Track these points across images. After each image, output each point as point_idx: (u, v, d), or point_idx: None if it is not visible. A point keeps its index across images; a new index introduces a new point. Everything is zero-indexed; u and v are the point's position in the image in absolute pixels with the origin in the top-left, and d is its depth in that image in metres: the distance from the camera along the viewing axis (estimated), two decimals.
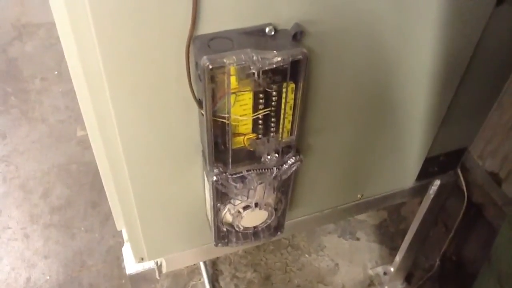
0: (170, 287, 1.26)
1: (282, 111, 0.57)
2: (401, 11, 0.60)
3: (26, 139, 1.69)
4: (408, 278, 1.31)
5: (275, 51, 0.51)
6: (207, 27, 0.51)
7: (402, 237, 1.21)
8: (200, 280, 1.30)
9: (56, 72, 1.96)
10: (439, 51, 0.67)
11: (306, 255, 1.36)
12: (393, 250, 1.34)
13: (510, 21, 0.69)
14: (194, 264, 1.32)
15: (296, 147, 0.63)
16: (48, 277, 1.30)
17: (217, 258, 1.34)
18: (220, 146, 0.59)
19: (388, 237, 1.41)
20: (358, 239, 1.41)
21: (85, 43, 0.49)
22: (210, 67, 0.49)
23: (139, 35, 0.49)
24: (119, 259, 1.35)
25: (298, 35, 0.53)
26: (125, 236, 0.83)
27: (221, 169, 0.60)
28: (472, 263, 1.31)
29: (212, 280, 1.29)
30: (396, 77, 0.68)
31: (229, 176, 0.61)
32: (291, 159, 0.63)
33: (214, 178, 0.60)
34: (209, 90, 0.51)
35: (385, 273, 1.32)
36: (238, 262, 1.34)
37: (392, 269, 1.29)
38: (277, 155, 0.61)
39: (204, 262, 1.31)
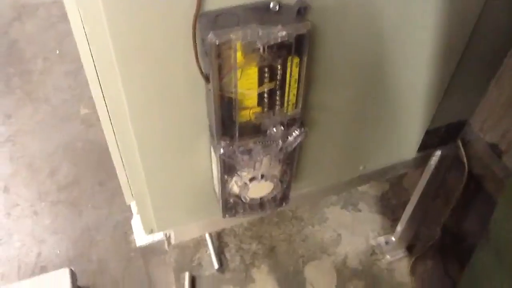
0: (178, 259, 1.30)
1: (287, 85, 0.58)
2: None
3: (31, 119, 1.71)
4: (409, 248, 1.34)
5: (280, 26, 0.52)
6: (213, 4, 0.52)
7: (404, 208, 1.24)
8: (206, 252, 1.33)
9: (58, 52, 1.97)
10: (440, 27, 0.68)
11: (310, 227, 1.40)
12: (395, 221, 1.37)
13: (504, 6, 0.70)
14: (200, 237, 1.36)
15: (301, 120, 0.64)
16: (58, 252, 1.34)
17: (223, 230, 1.37)
18: (226, 120, 0.61)
19: (390, 208, 1.44)
20: (360, 210, 1.44)
21: (94, 21, 0.51)
22: (217, 42, 0.50)
23: (147, 13, 0.50)
24: (126, 234, 1.39)
25: (302, 10, 0.55)
26: (134, 209, 0.85)
27: (228, 142, 0.62)
28: (472, 235, 1.35)
29: (218, 252, 1.33)
30: (398, 52, 0.69)
31: (236, 149, 0.63)
32: (296, 132, 0.64)
33: (222, 151, 0.62)
34: (215, 65, 0.53)
35: (386, 243, 1.35)
36: (243, 234, 1.37)
37: (393, 239, 1.32)
38: (282, 128, 0.63)
39: (210, 235, 1.35)
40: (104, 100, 0.61)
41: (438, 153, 0.97)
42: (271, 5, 0.54)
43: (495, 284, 0.75)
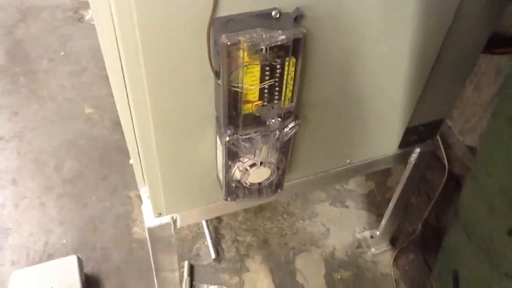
0: (178, 249, 1.38)
1: (285, 82, 0.68)
2: (382, 3, 0.71)
3: (37, 116, 1.79)
4: (392, 241, 1.44)
5: (280, 31, 0.62)
6: (224, 11, 0.62)
7: (388, 205, 1.34)
8: (204, 243, 1.42)
9: (62, 53, 2.06)
10: (416, 34, 0.79)
11: (300, 221, 1.49)
12: (379, 216, 1.47)
13: (474, 12, 0.80)
14: (198, 229, 1.45)
15: (295, 114, 0.74)
16: (64, 241, 1.42)
17: (220, 223, 1.46)
18: (232, 112, 0.70)
19: (375, 205, 1.54)
20: (347, 206, 1.54)
21: (125, 21, 0.60)
22: (228, 43, 0.60)
23: (171, 17, 0.60)
24: (128, 225, 1.47)
25: (298, 18, 0.65)
26: (143, 195, 0.94)
27: (233, 131, 0.72)
28: None
29: (215, 243, 1.42)
30: (378, 56, 0.79)
31: (239, 137, 0.73)
32: (291, 123, 0.74)
33: (227, 138, 0.72)
34: (226, 63, 0.63)
35: (371, 237, 1.45)
36: (238, 228, 1.46)
37: (378, 233, 1.42)
38: (279, 119, 0.73)
39: (208, 227, 1.44)
40: (126, 92, 0.70)
41: (417, 150, 1.07)
42: (273, 13, 0.64)
43: (465, 256, 0.85)
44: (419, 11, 0.75)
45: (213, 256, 1.39)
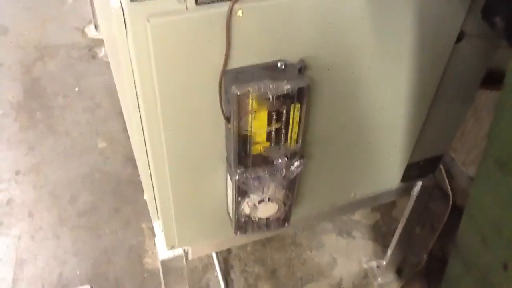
0: (188, 280, 1.42)
1: (290, 126, 0.74)
2: (380, 48, 0.77)
3: (52, 150, 1.86)
4: (398, 272, 1.47)
5: (285, 81, 0.68)
6: (235, 64, 0.68)
7: (393, 235, 1.37)
8: (214, 274, 1.46)
9: (77, 90, 2.14)
10: (413, 76, 0.85)
11: (308, 252, 1.53)
12: (385, 247, 1.50)
13: (469, 52, 0.86)
14: (208, 260, 1.48)
15: (301, 154, 0.80)
16: (78, 273, 1.47)
17: (229, 254, 1.50)
18: (242, 153, 0.76)
19: (381, 235, 1.58)
20: (354, 237, 1.57)
21: (144, 73, 0.66)
22: (238, 93, 0.66)
23: (188, 69, 0.67)
24: (140, 256, 1.52)
25: (302, 69, 0.71)
26: (157, 228, 0.99)
27: (242, 170, 0.78)
28: None
29: (224, 274, 1.45)
30: (378, 98, 0.85)
31: (248, 176, 0.78)
32: (297, 163, 0.80)
33: (237, 177, 0.78)
34: (236, 110, 0.69)
35: (378, 267, 1.48)
36: (247, 258, 1.50)
37: (384, 263, 1.45)
38: (286, 159, 0.78)
39: (217, 258, 1.48)
40: (144, 134, 0.76)
41: (419, 184, 1.12)
42: (279, 64, 0.70)
43: None
44: (416, 52, 0.81)
45: (222, 286, 1.42)
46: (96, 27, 2.42)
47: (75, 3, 2.63)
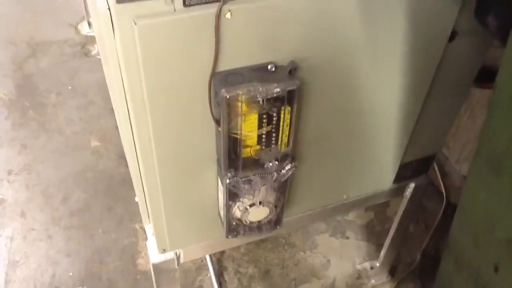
0: (181, 281, 1.41)
1: (281, 128, 0.73)
2: (371, 47, 0.76)
3: (45, 149, 1.84)
4: (392, 272, 1.46)
5: (275, 84, 0.67)
6: (224, 66, 0.67)
7: (387, 235, 1.37)
8: (207, 275, 1.45)
9: (70, 87, 2.12)
10: (405, 75, 0.84)
11: (301, 252, 1.52)
12: (379, 247, 1.49)
13: (461, 51, 0.86)
14: (201, 261, 1.48)
15: (292, 156, 0.79)
16: (71, 273, 1.46)
17: (222, 255, 1.50)
18: (232, 155, 0.75)
19: (375, 235, 1.57)
20: (347, 237, 1.57)
21: (132, 73, 0.65)
22: (227, 96, 0.65)
23: (177, 71, 0.65)
24: (133, 257, 1.51)
25: (292, 71, 0.70)
26: (148, 232, 0.98)
27: (233, 173, 0.77)
28: None
29: (217, 275, 1.45)
30: (370, 98, 0.85)
31: (239, 179, 0.77)
32: (288, 166, 0.79)
33: (228, 180, 0.77)
34: (225, 112, 0.68)
35: (371, 268, 1.47)
36: (240, 259, 1.49)
37: (377, 264, 1.45)
38: (276, 162, 0.77)
39: (211, 259, 1.47)
40: (133, 137, 0.75)
41: (412, 184, 1.11)
42: (269, 66, 0.69)
43: (457, 287, 0.88)
44: (408, 52, 0.80)
45: (216, 287, 1.42)
46: (89, 24, 2.39)
47: None
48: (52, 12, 2.52)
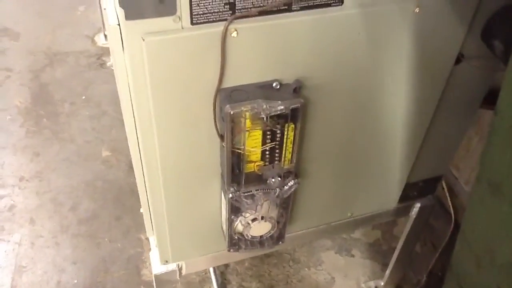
0: None
1: (284, 145, 0.74)
2: (377, 69, 0.77)
3: (57, 157, 1.87)
4: None
5: (279, 101, 0.68)
6: (229, 83, 0.68)
7: (393, 254, 1.36)
8: None
9: (84, 97, 2.16)
10: (411, 95, 0.84)
11: (306, 269, 1.51)
12: (385, 266, 1.48)
13: (468, 74, 0.86)
14: (205, 273, 1.48)
15: (295, 173, 0.80)
16: (75, 281, 1.47)
17: (226, 268, 1.50)
18: (235, 170, 0.76)
19: (381, 254, 1.56)
20: (353, 255, 1.56)
21: (140, 89, 0.67)
22: (232, 112, 0.67)
23: (183, 87, 0.67)
24: (138, 267, 1.52)
25: (297, 89, 0.71)
26: (152, 243, 0.99)
27: (236, 188, 0.77)
28: None
29: None
30: (375, 117, 0.85)
31: (242, 194, 0.78)
32: (291, 182, 0.80)
33: (230, 195, 0.77)
34: (229, 128, 0.69)
35: (376, 287, 1.46)
36: (244, 273, 1.49)
37: (382, 283, 1.43)
38: (279, 178, 0.78)
39: (214, 272, 1.47)
40: (139, 149, 0.77)
41: (417, 205, 1.11)
42: (274, 84, 0.70)
43: None
44: (414, 74, 0.81)
45: None
46: (105, 36, 2.44)
47: (87, 11, 2.66)
48: (71, 24, 2.57)
